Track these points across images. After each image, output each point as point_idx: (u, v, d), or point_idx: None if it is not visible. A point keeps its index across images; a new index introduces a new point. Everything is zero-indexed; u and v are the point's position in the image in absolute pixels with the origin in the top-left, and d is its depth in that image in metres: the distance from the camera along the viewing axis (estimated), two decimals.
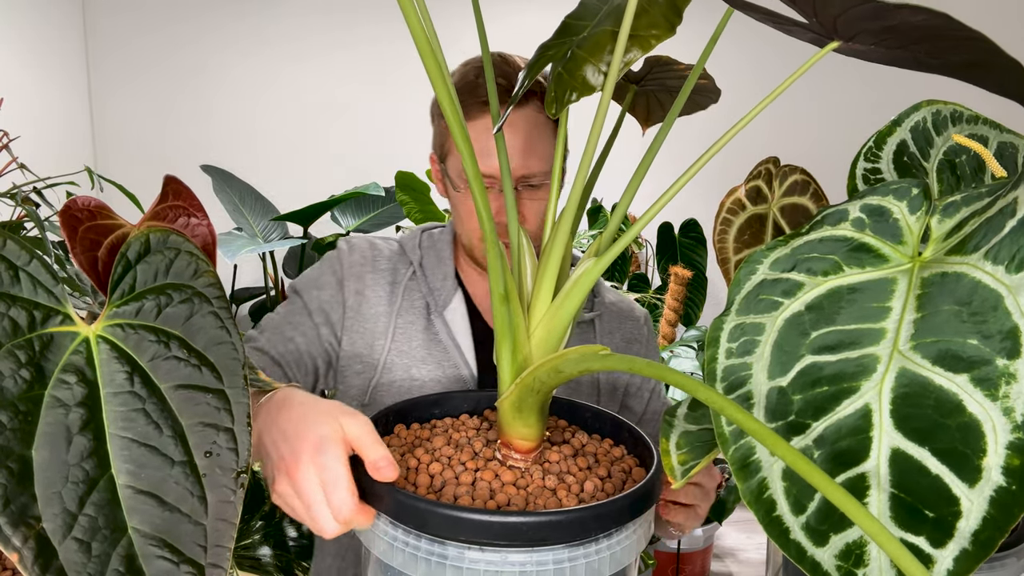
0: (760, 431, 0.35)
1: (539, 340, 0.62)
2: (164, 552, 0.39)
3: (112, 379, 0.42)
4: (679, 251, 2.95)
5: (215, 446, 0.41)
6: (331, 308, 1.02)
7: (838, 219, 0.48)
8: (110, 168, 3.65)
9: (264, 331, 1.01)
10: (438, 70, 0.54)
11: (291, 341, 0.99)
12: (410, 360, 1.01)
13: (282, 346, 0.98)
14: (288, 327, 1.00)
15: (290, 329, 1.00)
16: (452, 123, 0.56)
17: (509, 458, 0.65)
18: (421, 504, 0.55)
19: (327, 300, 1.02)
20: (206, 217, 0.61)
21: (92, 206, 0.55)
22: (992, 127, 0.66)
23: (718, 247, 0.90)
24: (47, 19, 3.40)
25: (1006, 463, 0.35)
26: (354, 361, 1.01)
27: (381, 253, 1.06)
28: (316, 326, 1.01)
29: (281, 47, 3.63)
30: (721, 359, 0.45)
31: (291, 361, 0.98)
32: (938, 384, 0.38)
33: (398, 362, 1.00)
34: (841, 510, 0.31)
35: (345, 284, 1.03)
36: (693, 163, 0.57)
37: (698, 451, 0.53)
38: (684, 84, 0.65)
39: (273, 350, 0.98)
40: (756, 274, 0.48)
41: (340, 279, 1.03)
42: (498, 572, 0.55)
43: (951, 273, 0.41)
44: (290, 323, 1.01)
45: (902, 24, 0.45)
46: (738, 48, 2.90)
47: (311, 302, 1.02)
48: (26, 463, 0.38)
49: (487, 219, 0.60)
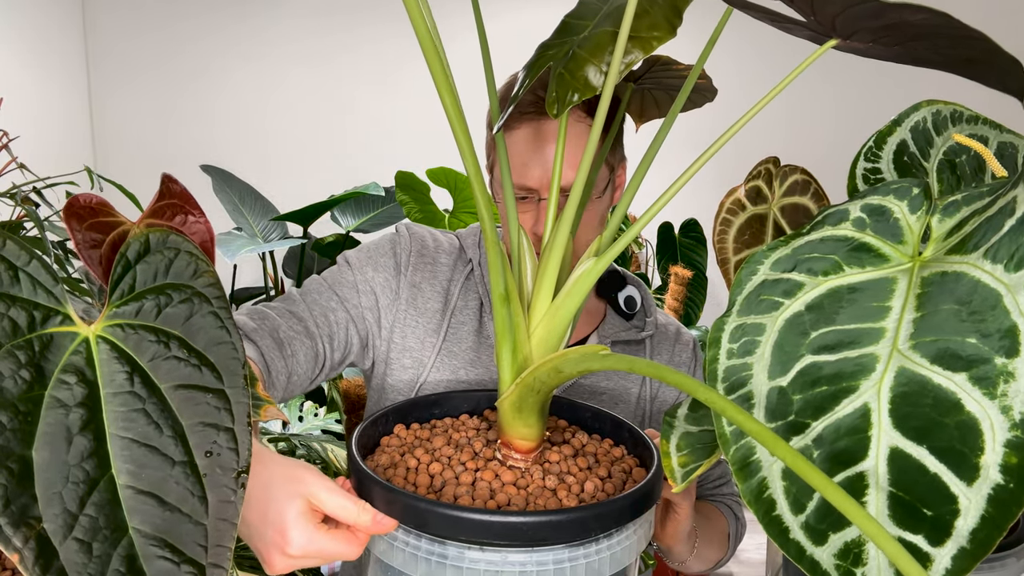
0: (760, 432, 0.35)
1: (539, 340, 0.62)
2: (165, 552, 0.39)
3: (112, 379, 0.42)
4: (679, 251, 2.95)
5: (215, 446, 0.41)
6: (382, 292, 1.00)
7: (839, 219, 0.49)
8: (110, 168, 3.65)
9: (306, 295, 0.98)
10: (441, 69, 0.54)
11: (333, 312, 0.97)
12: (459, 362, 0.99)
13: (321, 317, 0.96)
14: (333, 299, 0.98)
15: (335, 300, 0.98)
16: (453, 122, 0.56)
17: (509, 458, 0.65)
18: (421, 504, 0.55)
19: (381, 283, 1.00)
20: (203, 215, 0.61)
21: (94, 203, 0.55)
22: (992, 127, 0.66)
23: (718, 247, 0.90)
24: (47, 18, 3.40)
25: (1004, 461, 0.35)
26: (404, 355, 1.00)
27: (441, 247, 1.05)
28: (361, 306, 0.99)
29: (282, 48, 3.63)
30: (722, 359, 0.45)
31: (325, 334, 0.96)
32: (937, 383, 0.38)
33: (447, 362, 0.99)
34: (839, 509, 0.31)
35: (403, 273, 1.01)
36: (693, 163, 0.57)
37: (699, 453, 0.53)
38: (684, 84, 0.65)
39: (311, 319, 0.95)
40: (757, 274, 0.48)
41: (399, 265, 1.02)
42: (498, 572, 0.55)
43: (951, 272, 0.42)
44: (336, 294, 0.99)
45: (901, 23, 0.45)
46: (737, 47, 2.90)
47: (363, 281, 1.00)
48: (26, 464, 0.38)
49: (487, 218, 0.60)
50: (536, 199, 0.92)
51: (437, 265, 1.03)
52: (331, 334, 0.96)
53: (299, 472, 0.58)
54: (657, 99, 0.83)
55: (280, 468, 0.58)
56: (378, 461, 0.67)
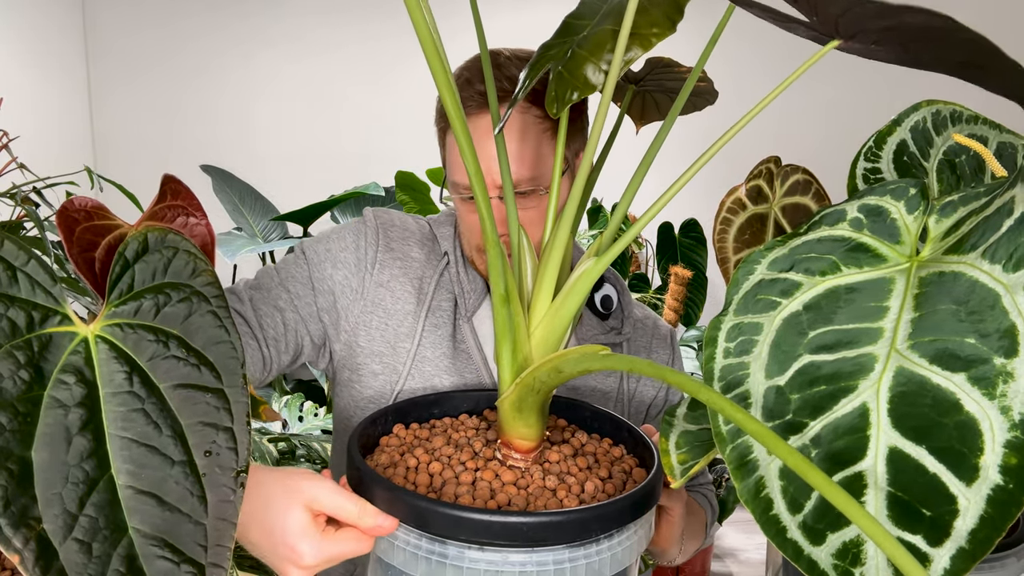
0: (759, 431, 0.35)
1: (539, 340, 0.62)
2: (164, 552, 0.39)
3: (111, 379, 0.42)
4: (679, 251, 2.95)
5: (215, 445, 0.41)
6: (342, 292, 0.92)
7: (836, 219, 0.49)
8: (110, 168, 3.65)
9: (254, 291, 0.90)
10: (442, 69, 0.54)
11: (281, 313, 0.89)
12: (433, 369, 0.91)
13: (268, 318, 0.88)
14: (283, 295, 0.90)
15: (285, 299, 0.89)
16: (455, 121, 0.56)
17: (509, 458, 0.65)
18: (422, 503, 0.55)
19: (340, 282, 0.92)
20: (205, 216, 0.61)
21: (89, 206, 0.55)
22: (992, 127, 0.66)
23: (718, 247, 0.90)
24: (47, 18, 3.41)
25: (1003, 462, 0.35)
26: (372, 360, 0.92)
27: (413, 236, 0.96)
28: (316, 306, 0.91)
29: (282, 47, 3.63)
30: (719, 358, 0.45)
31: (270, 337, 0.88)
32: (936, 383, 0.38)
33: (420, 369, 0.91)
34: (839, 509, 0.31)
35: (368, 271, 0.92)
36: (693, 163, 0.57)
37: (697, 451, 0.53)
38: (684, 85, 0.65)
39: (254, 320, 0.87)
40: (754, 274, 0.48)
41: (362, 261, 0.92)
42: (498, 572, 0.55)
43: (949, 272, 0.42)
44: (288, 291, 0.90)
45: (903, 24, 0.45)
46: (738, 47, 2.90)
47: (319, 279, 0.91)
48: (26, 464, 0.38)
49: (487, 218, 0.60)
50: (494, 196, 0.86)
51: (408, 260, 0.93)
52: (276, 337, 0.88)
53: (295, 481, 0.57)
54: (658, 101, 0.83)
55: (276, 483, 0.58)
56: (378, 460, 0.67)
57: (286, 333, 0.89)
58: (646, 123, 0.88)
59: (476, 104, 0.85)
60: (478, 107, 0.85)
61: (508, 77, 0.85)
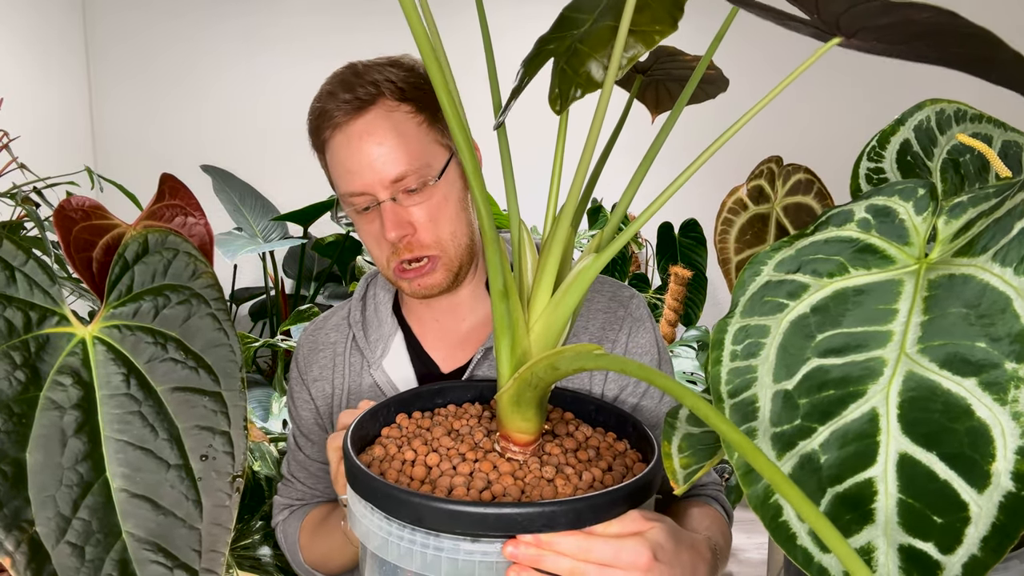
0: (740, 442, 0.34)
1: (538, 335, 0.62)
2: (158, 557, 0.38)
3: (108, 381, 0.42)
4: (679, 251, 2.95)
5: (211, 449, 0.41)
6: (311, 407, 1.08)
7: (843, 220, 0.48)
8: (110, 168, 3.65)
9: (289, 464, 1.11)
10: (439, 71, 0.53)
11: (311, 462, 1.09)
12: None
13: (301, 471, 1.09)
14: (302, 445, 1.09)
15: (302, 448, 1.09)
16: (451, 121, 0.55)
17: (508, 450, 0.65)
18: (415, 499, 0.55)
19: (305, 402, 1.08)
20: (203, 216, 0.61)
21: (87, 206, 0.55)
22: (996, 126, 0.65)
23: (719, 247, 0.89)
24: (47, 18, 3.40)
25: (1015, 468, 0.35)
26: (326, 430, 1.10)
27: (320, 331, 1.09)
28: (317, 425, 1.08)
29: (282, 47, 3.62)
30: (726, 362, 0.45)
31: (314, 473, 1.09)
32: (946, 388, 0.38)
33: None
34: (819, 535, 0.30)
35: (307, 384, 1.08)
36: (693, 161, 0.57)
37: (701, 454, 0.53)
38: (690, 78, 0.65)
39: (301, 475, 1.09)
40: (761, 275, 0.47)
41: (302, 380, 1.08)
42: (495, 563, 0.55)
43: (959, 275, 0.41)
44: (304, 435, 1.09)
45: (906, 21, 0.44)
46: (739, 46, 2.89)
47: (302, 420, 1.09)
48: (20, 466, 0.38)
49: (486, 216, 0.60)
50: (375, 203, 0.90)
51: (319, 354, 1.07)
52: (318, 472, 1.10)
53: None
54: (671, 90, 0.82)
55: None
56: (374, 453, 0.67)
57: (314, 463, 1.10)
58: (661, 112, 0.86)
59: (343, 112, 0.89)
60: (345, 115, 0.89)
61: (371, 82, 0.89)
